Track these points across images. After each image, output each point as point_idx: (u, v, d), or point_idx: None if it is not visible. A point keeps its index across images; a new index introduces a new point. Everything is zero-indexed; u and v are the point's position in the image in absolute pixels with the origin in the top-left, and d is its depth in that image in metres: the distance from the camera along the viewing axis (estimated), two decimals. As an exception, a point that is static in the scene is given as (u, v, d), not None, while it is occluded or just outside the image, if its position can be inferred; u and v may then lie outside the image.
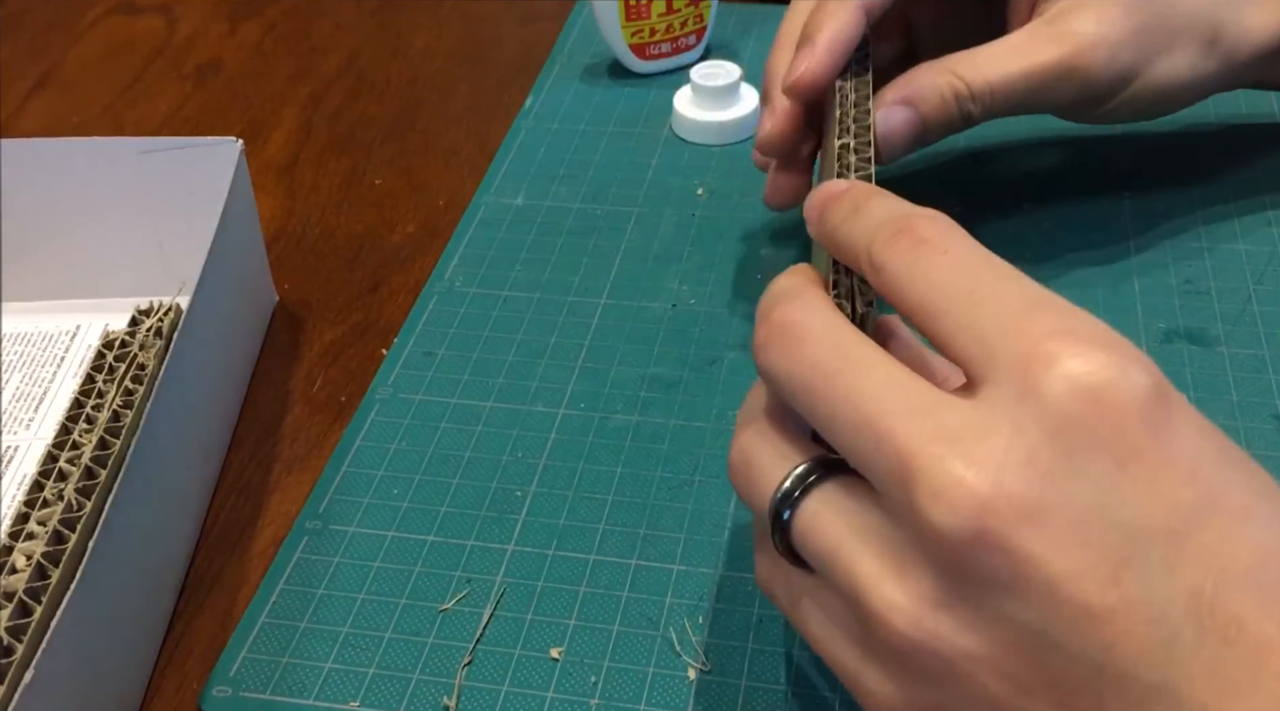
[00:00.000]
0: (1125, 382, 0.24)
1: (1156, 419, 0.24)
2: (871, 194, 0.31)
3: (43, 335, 0.49)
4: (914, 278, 0.27)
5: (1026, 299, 0.26)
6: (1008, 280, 0.26)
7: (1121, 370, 0.24)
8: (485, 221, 0.54)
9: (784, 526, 0.28)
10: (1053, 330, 0.24)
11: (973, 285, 0.26)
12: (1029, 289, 0.26)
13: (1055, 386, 0.24)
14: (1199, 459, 0.24)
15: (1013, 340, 0.25)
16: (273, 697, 0.36)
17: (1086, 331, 0.25)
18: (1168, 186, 0.53)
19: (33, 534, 0.35)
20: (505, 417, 0.44)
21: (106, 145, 0.47)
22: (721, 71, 0.58)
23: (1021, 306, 0.25)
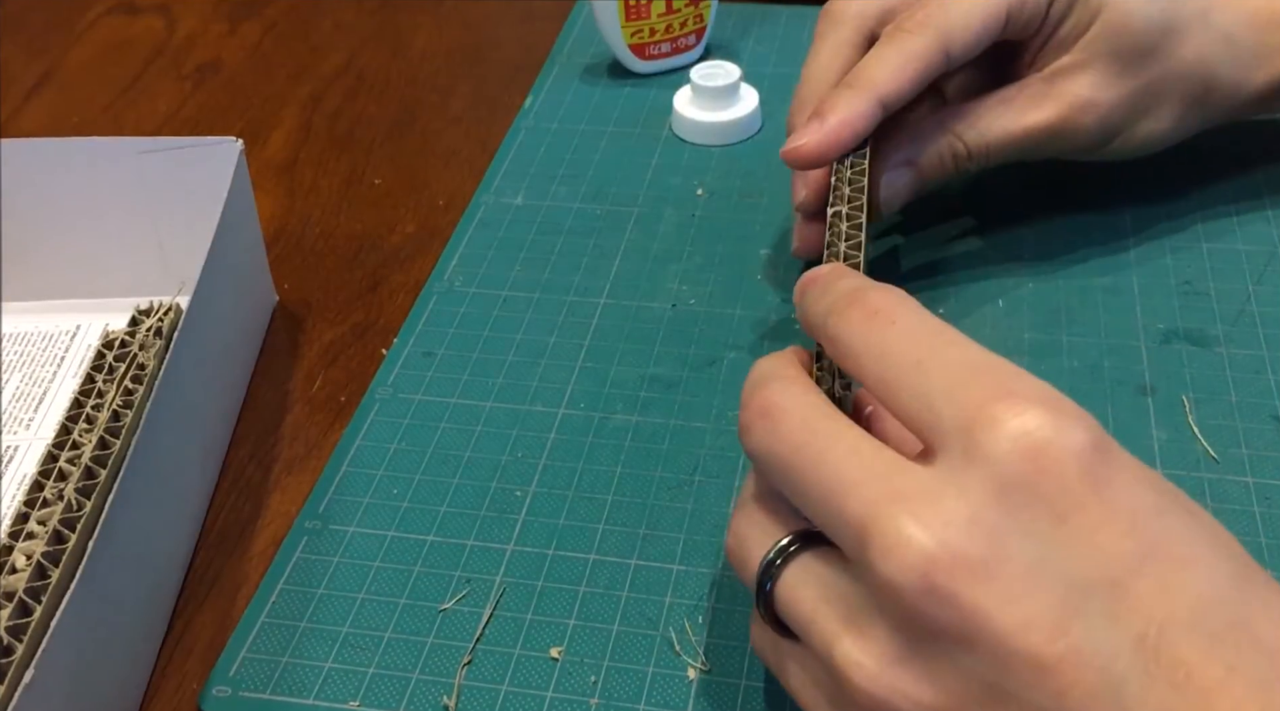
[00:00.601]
0: (1064, 441, 0.25)
1: (1095, 473, 0.25)
2: (841, 275, 0.32)
3: (43, 335, 0.49)
4: (866, 347, 0.29)
5: (969, 364, 0.27)
6: (952, 346, 0.28)
7: (1060, 429, 0.25)
8: (485, 221, 0.54)
9: (767, 595, 0.29)
10: (994, 393, 0.26)
11: (919, 354, 0.28)
12: (972, 354, 0.28)
13: (998, 448, 0.25)
14: (1138, 510, 0.25)
15: (957, 405, 0.26)
16: (272, 697, 0.36)
17: (1027, 392, 0.26)
18: (1167, 187, 0.53)
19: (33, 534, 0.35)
20: (505, 417, 0.44)
21: (106, 145, 0.47)
22: (721, 71, 0.58)
23: (965, 373, 0.27)
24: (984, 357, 0.27)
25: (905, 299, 0.30)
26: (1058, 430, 0.25)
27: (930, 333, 0.28)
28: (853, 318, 0.30)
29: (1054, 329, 0.46)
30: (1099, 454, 0.25)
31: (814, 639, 0.28)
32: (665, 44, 0.62)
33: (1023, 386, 0.26)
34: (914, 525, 0.25)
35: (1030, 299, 0.48)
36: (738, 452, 0.42)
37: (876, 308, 0.29)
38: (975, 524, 0.25)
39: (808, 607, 0.28)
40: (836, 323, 0.30)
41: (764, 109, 0.59)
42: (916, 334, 0.28)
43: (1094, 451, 0.25)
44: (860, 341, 0.29)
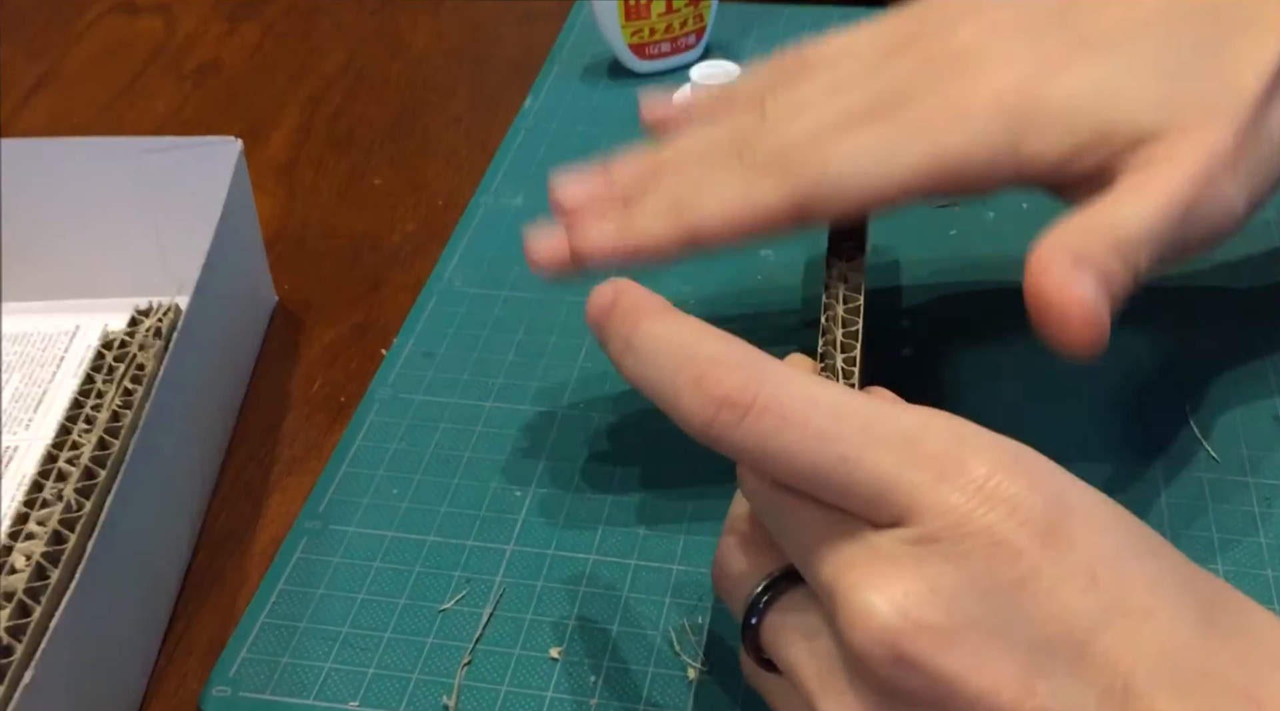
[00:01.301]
0: (1012, 512, 0.25)
1: (1050, 535, 0.25)
2: (637, 315, 0.29)
3: (42, 335, 0.49)
4: (768, 455, 0.27)
5: (900, 444, 0.26)
6: (868, 428, 0.26)
7: (1007, 499, 0.25)
8: (485, 221, 0.54)
9: (753, 631, 0.30)
10: (939, 472, 0.25)
11: (839, 449, 0.26)
12: (894, 425, 0.26)
13: (949, 527, 0.25)
14: (1097, 562, 0.25)
15: (904, 495, 0.26)
16: (272, 697, 0.36)
17: (970, 457, 0.26)
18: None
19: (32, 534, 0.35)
20: (505, 417, 0.44)
21: (106, 145, 0.47)
22: (721, 71, 0.58)
23: (899, 458, 0.26)
24: (906, 427, 0.26)
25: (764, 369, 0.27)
26: (1008, 499, 0.25)
27: (832, 418, 0.26)
28: (725, 422, 0.27)
29: (1054, 329, 0.46)
30: (1053, 514, 0.25)
31: (798, 686, 0.28)
32: (665, 44, 0.62)
33: (963, 451, 0.26)
34: (874, 594, 0.25)
35: (1030, 299, 0.48)
36: (738, 453, 0.42)
37: (746, 402, 0.27)
38: (936, 593, 0.25)
39: (790, 655, 0.28)
40: (707, 429, 0.27)
41: (764, 109, 0.59)
42: (819, 426, 0.26)
43: (1047, 514, 0.25)
44: (755, 450, 0.27)
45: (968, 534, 0.25)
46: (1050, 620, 0.24)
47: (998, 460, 0.26)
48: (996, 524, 0.25)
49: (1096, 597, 0.24)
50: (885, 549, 0.26)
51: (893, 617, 0.25)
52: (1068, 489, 0.26)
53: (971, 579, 0.25)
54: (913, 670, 0.25)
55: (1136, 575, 0.25)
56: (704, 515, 0.40)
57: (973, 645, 0.24)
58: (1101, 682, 0.24)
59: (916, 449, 0.26)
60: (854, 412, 0.27)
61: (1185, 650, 0.24)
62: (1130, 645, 0.24)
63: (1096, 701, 0.24)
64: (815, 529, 0.27)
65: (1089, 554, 0.25)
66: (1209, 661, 0.24)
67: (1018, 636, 0.24)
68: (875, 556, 0.26)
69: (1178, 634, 0.24)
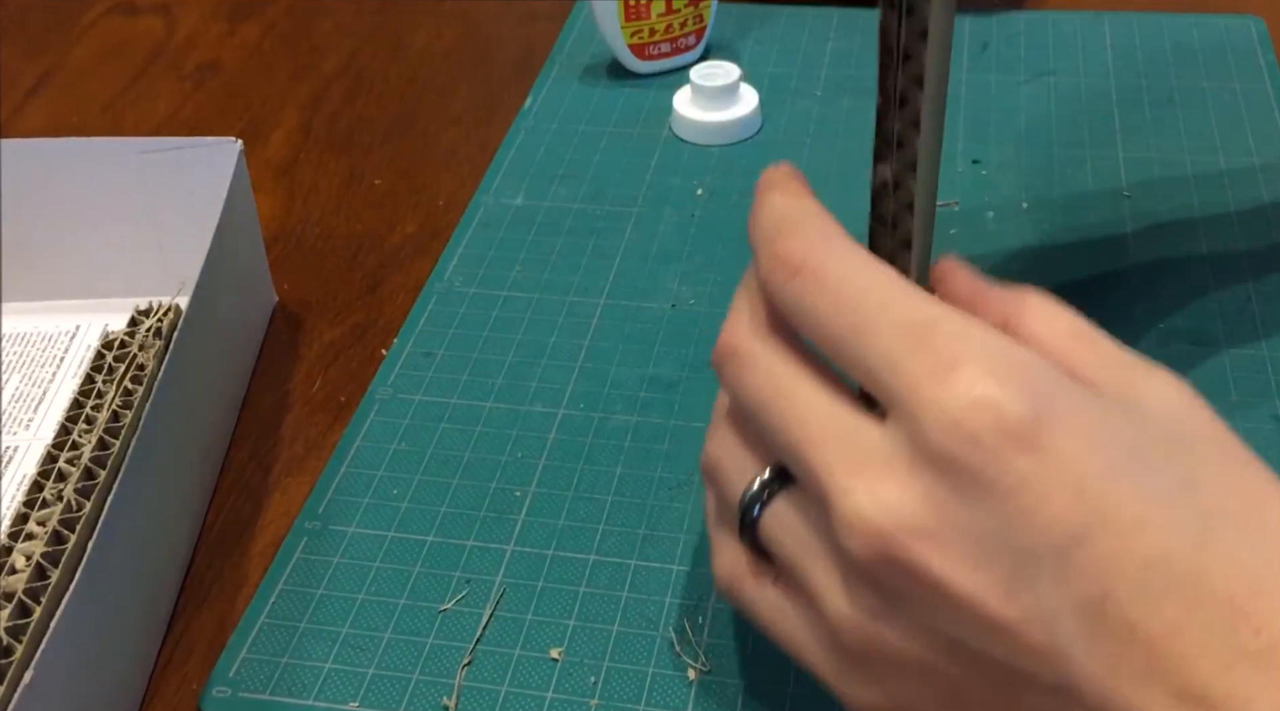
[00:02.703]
0: (1001, 420, 0.25)
1: (1037, 444, 0.25)
2: (770, 187, 0.31)
3: (42, 335, 0.49)
4: (803, 313, 0.29)
5: (908, 329, 0.27)
6: (887, 307, 0.27)
7: (996, 407, 0.25)
8: (485, 222, 0.54)
9: (751, 527, 0.30)
10: (935, 366, 0.26)
11: (855, 320, 0.27)
12: (907, 312, 0.27)
13: (941, 434, 0.25)
14: (1085, 476, 0.25)
15: (899, 380, 0.26)
16: (272, 698, 0.36)
17: (969, 358, 0.26)
18: (1167, 187, 0.53)
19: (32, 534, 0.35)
20: (505, 418, 0.44)
21: (106, 145, 0.47)
22: (721, 72, 0.58)
23: (903, 341, 0.27)
24: (920, 314, 0.27)
25: (827, 239, 0.29)
26: (997, 407, 0.25)
27: (860, 290, 0.28)
28: (780, 279, 0.29)
29: (1054, 329, 0.46)
30: (1042, 421, 0.25)
31: (799, 582, 0.29)
32: (665, 44, 0.62)
33: (964, 351, 0.26)
34: (868, 499, 0.26)
35: (1030, 299, 0.48)
36: (738, 453, 0.42)
37: (798, 264, 0.29)
38: (926, 499, 0.26)
39: (790, 549, 0.29)
40: (767, 282, 0.29)
41: (764, 109, 0.59)
42: (846, 294, 0.28)
43: (1035, 420, 0.25)
44: (795, 307, 0.29)
45: (957, 439, 0.25)
46: (1035, 530, 0.25)
47: (995, 365, 0.26)
48: (983, 432, 0.25)
49: (1081, 509, 0.25)
50: (881, 449, 0.26)
51: (883, 521, 0.26)
52: (1065, 399, 0.26)
53: (961, 486, 0.25)
54: (902, 572, 0.26)
55: (1127, 487, 0.25)
56: (703, 515, 0.40)
57: (959, 550, 0.25)
58: (1082, 591, 0.25)
59: (923, 339, 0.26)
60: (881, 293, 0.28)
61: (1170, 561, 0.24)
62: (1112, 556, 0.25)
63: (1076, 609, 0.25)
64: (811, 423, 0.28)
65: (1077, 466, 0.25)
66: (1195, 571, 0.24)
67: (1003, 543, 0.25)
68: (870, 456, 0.27)
69: (1165, 545, 0.24)
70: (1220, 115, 0.58)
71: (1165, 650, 0.24)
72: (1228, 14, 0.65)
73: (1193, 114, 0.58)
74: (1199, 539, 0.25)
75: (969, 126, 0.58)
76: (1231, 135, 0.56)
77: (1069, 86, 0.60)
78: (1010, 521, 0.25)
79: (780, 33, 0.66)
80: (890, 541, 0.26)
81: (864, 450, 0.27)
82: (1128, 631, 0.24)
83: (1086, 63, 0.62)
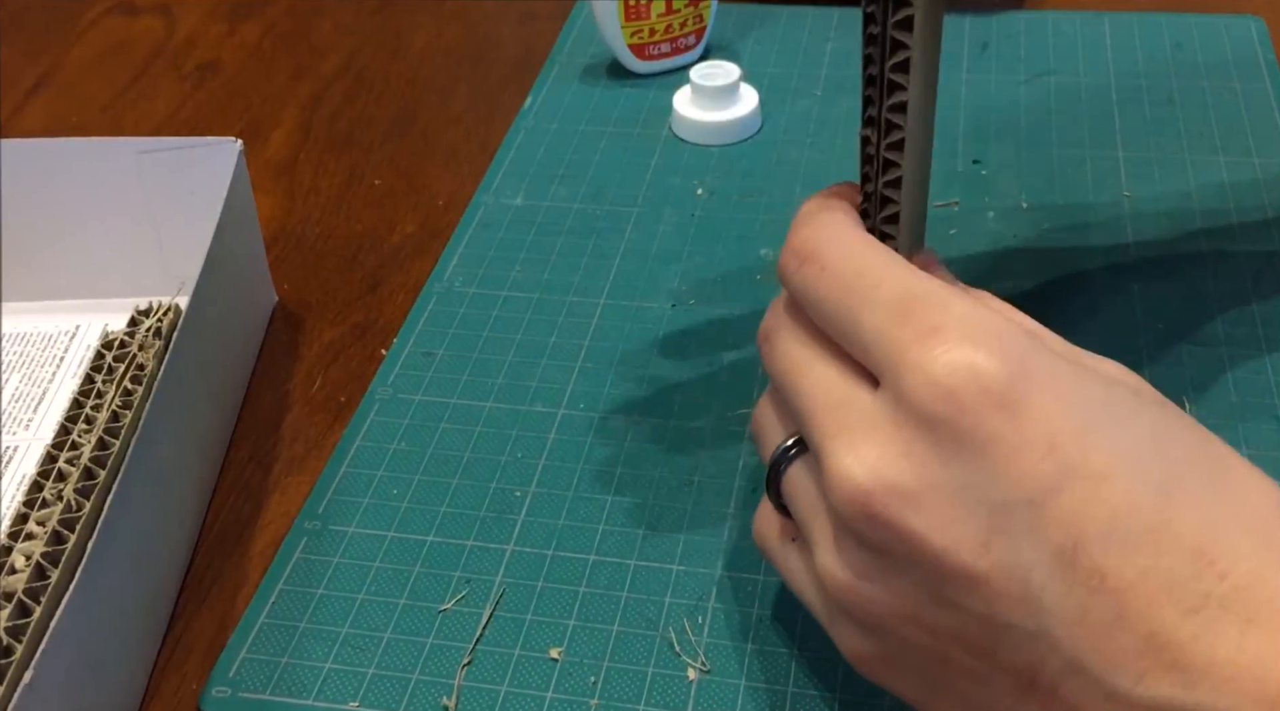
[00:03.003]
0: (979, 378, 0.27)
1: (1010, 402, 0.27)
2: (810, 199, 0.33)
3: (42, 335, 0.49)
4: (808, 298, 0.31)
5: (895, 304, 0.29)
6: (878, 286, 0.29)
7: (972, 367, 0.27)
8: (485, 222, 0.54)
9: (775, 486, 0.33)
10: (916, 334, 0.28)
11: (850, 300, 0.30)
12: (895, 289, 0.29)
13: (921, 392, 0.27)
14: (1057, 432, 0.26)
15: (886, 349, 0.28)
16: (272, 698, 0.36)
17: (948, 324, 0.28)
18: (1167, 187, 0.53)
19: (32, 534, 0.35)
20: (505, 418, 0.44)
21: (106, 145, 0.47)
22: (721, 72, 0.58)
23: (889, 314, 0.29)
24: (907, 288, 0.29)
25: (831, 226, 0.31)
26: (973, 367, 0.27)
27: (854, 273, 0.30)
28: (791, 269, 0.31)
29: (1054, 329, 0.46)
30: (1016, 381, 0.27)
31: (805, 534, 0.31)
32: (665, 44, 0.62)
33: (945, 319, 0.28)
34: (851, 458, 0.28)
35: (1029, 299, 0.48)
36: (737, 453, 0.42)
37: (805, 254, 0.31)
38: (907, 457, 0.27)
39: (800, 509, 0.31)
40: (782, 272, 0.32)
41: (764, 109, 0.59)
42: (844, 276, 0.30)
43: (1010, 381, 0.27)
44: (802, 294, 0.31)
45: (936, 405, 0.27)
46: (1009, 483, 0.26)
47: (972, 330, 0.27)
48: (960, 390, 0.27)
49: (1053, 462, 0.26)
50: (870, 413, 0.28)
51: (865, 479, 0.28)
52: (1037, 360, 0.27)
53: (939, 443, 0.27)
54: (883, 527, 0.27)
55: (1097, 442, 0.26)
56: (703, 516, 0.40)
57: (937, 505, 0.27)
58: (1054, 541, 0.26)
59: (907, 311, 0.28)
60: (875, 273, 0.30)
61: (1138, 511, 0.26)
62: (1083, 507, 0.26)
63: (1049, 558, 0.26)
64: (816, 394, 0.30)
65: (1049, 422, 0.26)
66: (1162, 520, 0.25)
67: (979, 497, 0.26)
68: (860, 420, 0.28)
69: (1134, 495, 0.26)
70: (1220, 115, 0.58)
71: (1134, 596, 0.25)
72: (1228, 14, 0.65)
73: (1193, 114, 0.58)
74: (1166, 490, 0.26)
75: (969, 126, 0.58)
76: (1231, 135, 0.56)
77: (1069, 86, 0.60)
78: (986, 475, 0.26)
79: (780, 33, 0.66)
80: (871, 498, 0.27)
81: (855, 414, 0.29)
82: (1098, 579, 0.25)
83: (1086, 63, 0.62)
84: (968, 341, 0.27)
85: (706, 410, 0.44)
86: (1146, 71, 0.61)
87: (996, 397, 0.27)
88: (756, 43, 0.65)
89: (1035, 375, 0.27)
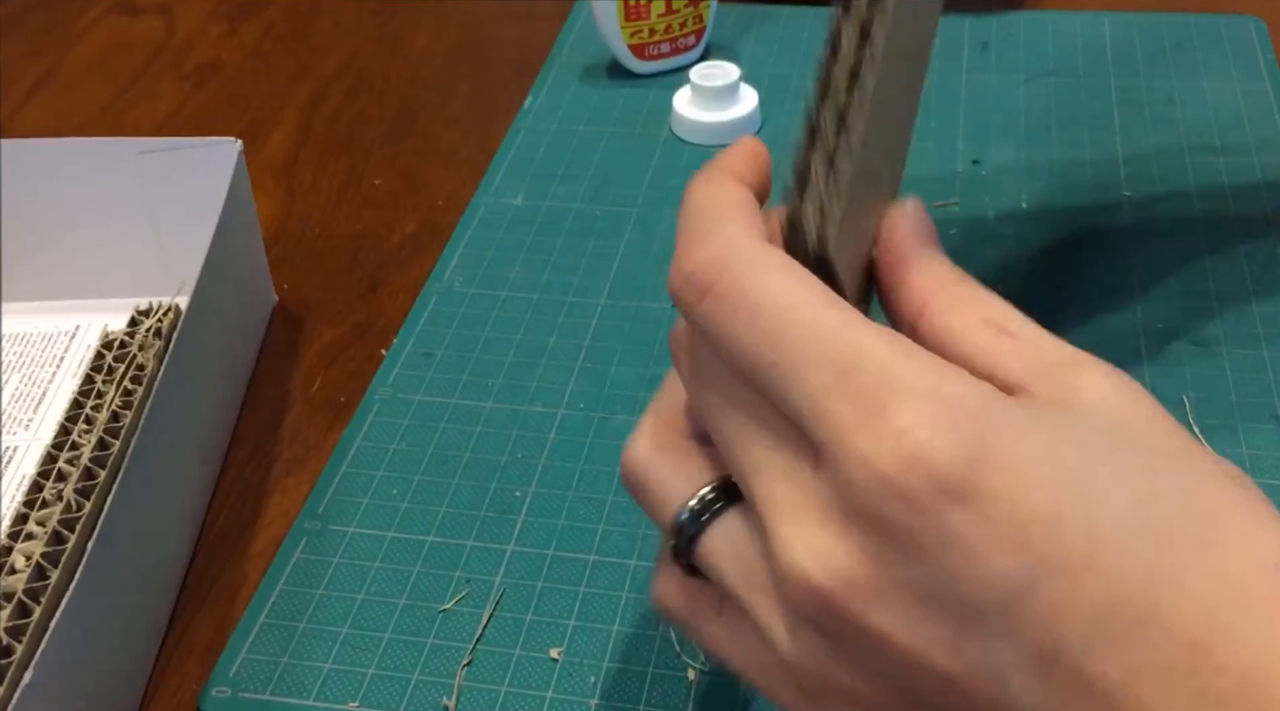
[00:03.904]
0: (932, 474, 0.23)
1: (971, 494, 0.23)
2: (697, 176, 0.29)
3: (42, 335, 0.49)
4: (717, 339, 0.26)
5: (830, 369, 0.25)
6: (807, 341, 0.25)
7: (926, 459, 0.23)
8: (485, 222, 0.54)
9: (687, 549, 0.28)
10: (859, 414, 0.24)
11: (772, 355, 0.25)
12: (831, 346, 0.25)
13: (868, 489, 0.24)
14: (1028, 521, 0.23)
15: (824, 431, 0.25)
16: (272, 698, 0.36)
17: (894, 402, 0.24)
18: (1167, 187, 0.53)
19: (32, 534, 0.35)
20: (504, 418, 0.44)
21: (106, 145, 0.47)
22: (721, 72, 0.58)
23: (825, 381, 0.25)
24: (842, 349, 0.25)
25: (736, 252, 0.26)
26: (928, 459, 0.23)
27: (777, 319, 0.25)
28: (688, 300, 0.26)
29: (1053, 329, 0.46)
30: (976, 467, 0.23)
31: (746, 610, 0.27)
32: (665, 44, 0.62)
33: (889, 393, 0.24)
34: (805, 552, 0.25)
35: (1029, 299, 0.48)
36: (737, 453, 0.42)
37: (705, 283, 0.26)
38: (864, 554, 0.24)
39: (732, 578, 0.27)
40: (689, 308, 0.27)
41: (764, 109, 0.59)
42: (762, 324, 0.25)
43: (969, 467, 0.23)
44: (715, 334, 0.26)
45: (888, 493, 0.24)
46: (977, 585, 0.23)
47: (921, 408, 0.24)
48: (914, 486, 0.23)
49: (1025, 558, 0.23)
50: (818, 494, 0.25)
51: (821, 576, 0.24)
52: (999, 433, 0.24)
53: (896, 543, 0.24)
54: (845, 624, 0.25)
55: (1074, 526, 0.23)
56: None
57: (901, 604, 0.24)
58: (1032, 644, 0.23)
59: (846, 379, 0.24)
60: (800, 317, 0.25)
61: (1124, 603, 0.23)
62: (1061, 604, 0.23)
63: (1026, 661, 0.23)
64: (759, 447, 0.26)
65: (1018, 509, 0.23)
66: (1151, 611, 0.23)
67: (946, 598, 0.24)
68: (809, 501, 0.25)
69: (1118, 586, 0.23)
70: (1220, 115, 0.58)
71: (1123, 698, 0.23)
72: (1228, 14, 0.65)
73: (1193, 114, 0.58)
74: (1154, 572, 0.23)
75: (969, 126, 0.58)
76: (1231, 135, 0.56)
77: (1069, 86, 0.60)
78: (951, 577, 0.24)
79: (780, 33, 0.66)
80: (829, 596, 0.24)
81: (801, 492, 0.25)
82: (1084, 682, 0.23)
83: (1086, 63, 0.62)
84: (918, 424, 0.24)
85: (706, 410, 0.44)
86: (1146, 71, 0.61)
87: (955, 491, 0.23)
88: (756, 43, 0.65)
89: (998, 455, 0.24)
